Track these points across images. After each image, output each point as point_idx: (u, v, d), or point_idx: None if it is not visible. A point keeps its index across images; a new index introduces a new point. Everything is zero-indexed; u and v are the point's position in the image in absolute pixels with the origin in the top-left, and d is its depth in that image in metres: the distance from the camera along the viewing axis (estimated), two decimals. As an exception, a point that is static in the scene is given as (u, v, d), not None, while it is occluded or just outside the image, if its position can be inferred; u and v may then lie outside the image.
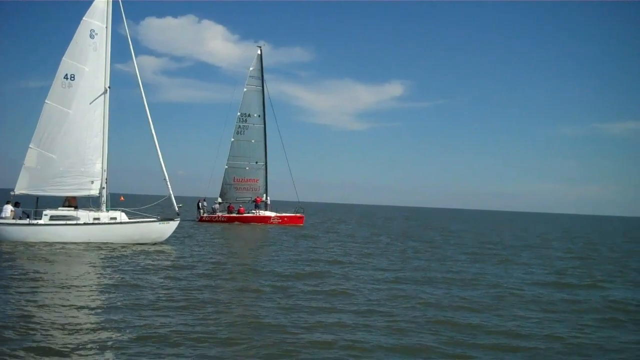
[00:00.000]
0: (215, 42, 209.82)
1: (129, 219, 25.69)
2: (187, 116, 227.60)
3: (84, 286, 14.93)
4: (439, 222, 78.85)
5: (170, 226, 26.45)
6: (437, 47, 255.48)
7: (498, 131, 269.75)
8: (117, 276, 16.44)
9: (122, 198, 26.87)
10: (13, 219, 23.76)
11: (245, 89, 45.99)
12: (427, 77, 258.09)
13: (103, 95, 25.53)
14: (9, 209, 23.86)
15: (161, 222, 26.27)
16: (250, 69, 46.55)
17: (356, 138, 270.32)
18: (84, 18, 25.17)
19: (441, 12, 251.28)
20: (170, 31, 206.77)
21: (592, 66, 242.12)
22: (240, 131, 45.53)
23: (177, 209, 26.79)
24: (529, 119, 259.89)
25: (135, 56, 26.60)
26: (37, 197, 24.71)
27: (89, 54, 25.12)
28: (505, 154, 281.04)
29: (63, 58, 24.64)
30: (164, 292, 14.27)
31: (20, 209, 24.37)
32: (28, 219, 23.90)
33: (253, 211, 45.55)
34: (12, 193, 24.11)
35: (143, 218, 26.37)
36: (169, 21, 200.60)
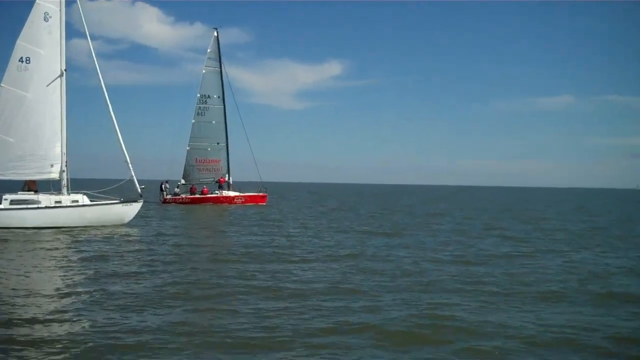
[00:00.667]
0: (150, 24, 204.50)
1: (91, 201, 25.54)
2: (125, 99, 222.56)
3: (47, 271, 14.99)
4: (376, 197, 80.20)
5: (134, 208, 26.37)
6: (376, 27, 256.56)
7: (434, 107, 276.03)
8: (81, 259, 16.46)
9: None
10: None
11: (204, 71, 45.74)
12: (364, 56, 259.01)
13: (60, 78, 25.13)
14: (-33, 194, 23.47)
15: (124, 204, 26.19)
16: (208, 50, 46.29)
17: (296, 117, 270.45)
18: (37, 1, 24.61)
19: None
20: (103, 13, 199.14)
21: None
22: (201, 112, 45.32)
23: (139, 190, 26.68)
24: (458, 96, 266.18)
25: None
26: None
27: (44, 37, 24.62)
28: (437, 131, 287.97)
29: (17, 41, 24.07)
30: (129, 275, 14.24)
31: None
32: None
33: (216, 192, 45.61)
34: None
35: (105, 200, 26.22)
36: (101, 4, 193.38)
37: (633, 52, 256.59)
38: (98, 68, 26.13)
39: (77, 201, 24.88)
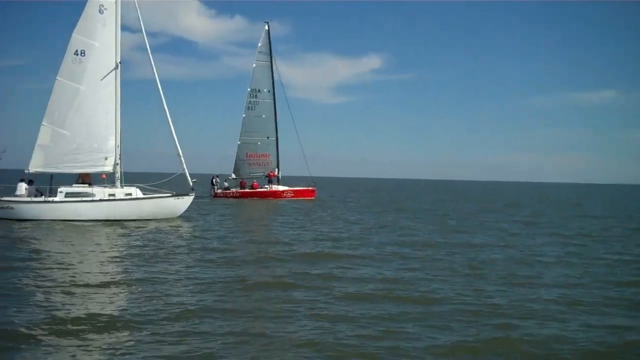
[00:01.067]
0: (191, 17, 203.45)
1: (144, 194, 25.39)
2: (170, 93, 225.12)
3: (102, 264, 14.67)
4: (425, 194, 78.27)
5: (185, 201, 26.14)
6: (415, 21, 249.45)
7: (474, 102, 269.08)
8: (135, 252, 16.15)
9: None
10: (27, 197, 23.47)
11: (254, 65, 45.32)
12: (404, 50, 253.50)
13: (114, 71, 25.04)
14: (23, 186, 23.57)
15: (176, 197, 25.96)
16: (259, 44, 45.85)
17: (334, 111, 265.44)
18: (92, -6, 24.60)
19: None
20: (143, 6, 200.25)
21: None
22: (251, 107, 44.92)
23: (191, 184, 26.44)
24: (504, 90, 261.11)
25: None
26: (52, 175, 24.33)
27: (98, 30, 24.58)
28: (483, 125, 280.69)
29: (73, 34, 24.14)
30: (183, 268, 13.88)
31: (33, 187, 24.02)
32: (42, 197, 23.54)
33: (266, 186, 45.28)
34: (26, 171, 23.79)
35: (157, 194, 26.04)
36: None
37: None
38: (153, 63, 25.98)
39: (130, 194, 24.77)
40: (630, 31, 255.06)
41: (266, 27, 46.10)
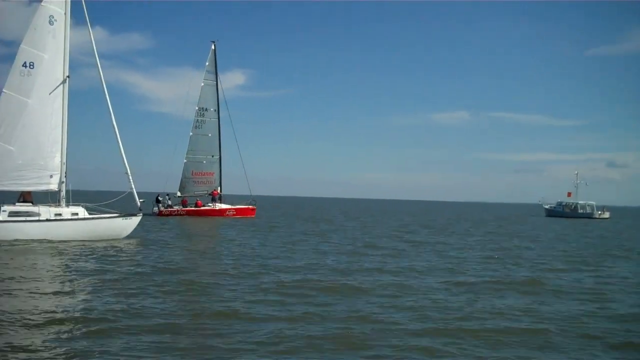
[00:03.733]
0: None
1: (89, 214, 23.57)
2: None
3: (53, 289, 13.12)
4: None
5: (133, 221, 24.53)
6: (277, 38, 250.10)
7: (333, 120, 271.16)
8: (85, 273, 14.75)
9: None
10: None
11: (202, 84, 44.26)
12: (267, 67, 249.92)
13: (62, 85, 23.26)
14: (-36, 205, 21.27)
15: (124, 218, 24.33)
16: (206, 63, 44.85)
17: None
18: (42, 3, 22.76)
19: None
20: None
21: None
22: (199, 125, 43.92)
23: (139, 204, 24.86)
24: (357, 110, 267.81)
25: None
26: None
27: (48, 41, 22.75)
28: (340, 143, 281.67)
29: (21, 45, 22.16)
30: (136, 292, 12.65)
31: None
32: None
33: (209, 204, 44.12)
34: None
35: (103, 214, 24.27)
36: None
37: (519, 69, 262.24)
38: (101, 74, 24.32)
39: (77, 214, 22.91)
40: (482, 56, 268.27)
41: (212, 47, 45.14)
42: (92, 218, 23.31)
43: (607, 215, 72.08)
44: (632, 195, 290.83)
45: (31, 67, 22.20)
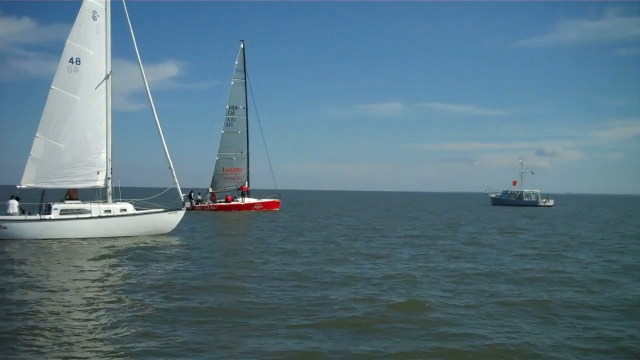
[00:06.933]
0: None
1: (136, 210, 22.55)
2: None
3: (113, 286, 12.10)
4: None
5: (178, 216, 23.53)
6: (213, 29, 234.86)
7: (272, 112, 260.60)
8: (142, 271, 13.88)
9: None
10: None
11: (232, 82, 43.18)
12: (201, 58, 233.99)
13: (105, 81, 22.18)
14: (15, 204, 20.14)
15: (170, 212, 23.31)
16: (236, 62, 43.69)
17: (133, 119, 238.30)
18: (85, -1, 21.72)
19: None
20: None
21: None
22: (229, 123, 42.98)
23: (182, 198, 23.94)
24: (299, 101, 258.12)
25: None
26: (43, 191, 20.85)
27: (93, 37, 21.68)
28: (280, 136, 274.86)
29: (67, 40, 21.07)
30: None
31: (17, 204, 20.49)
32: (25, 214, 20.12)
33: (239, 199, 43.42)
34: (18, 186, 20.31)
35: (149, 209, 23.24)
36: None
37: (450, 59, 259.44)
38: (143, 71, 23.14)
39: (125, 210, 21.87)
40: (413, 49, 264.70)
41: (242, 45, 44.02)
42: (141, 213, 22.28)
43: (551, 202, 71.29)
44: (561, 183, 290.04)
45: (77, 62, 21.15)
